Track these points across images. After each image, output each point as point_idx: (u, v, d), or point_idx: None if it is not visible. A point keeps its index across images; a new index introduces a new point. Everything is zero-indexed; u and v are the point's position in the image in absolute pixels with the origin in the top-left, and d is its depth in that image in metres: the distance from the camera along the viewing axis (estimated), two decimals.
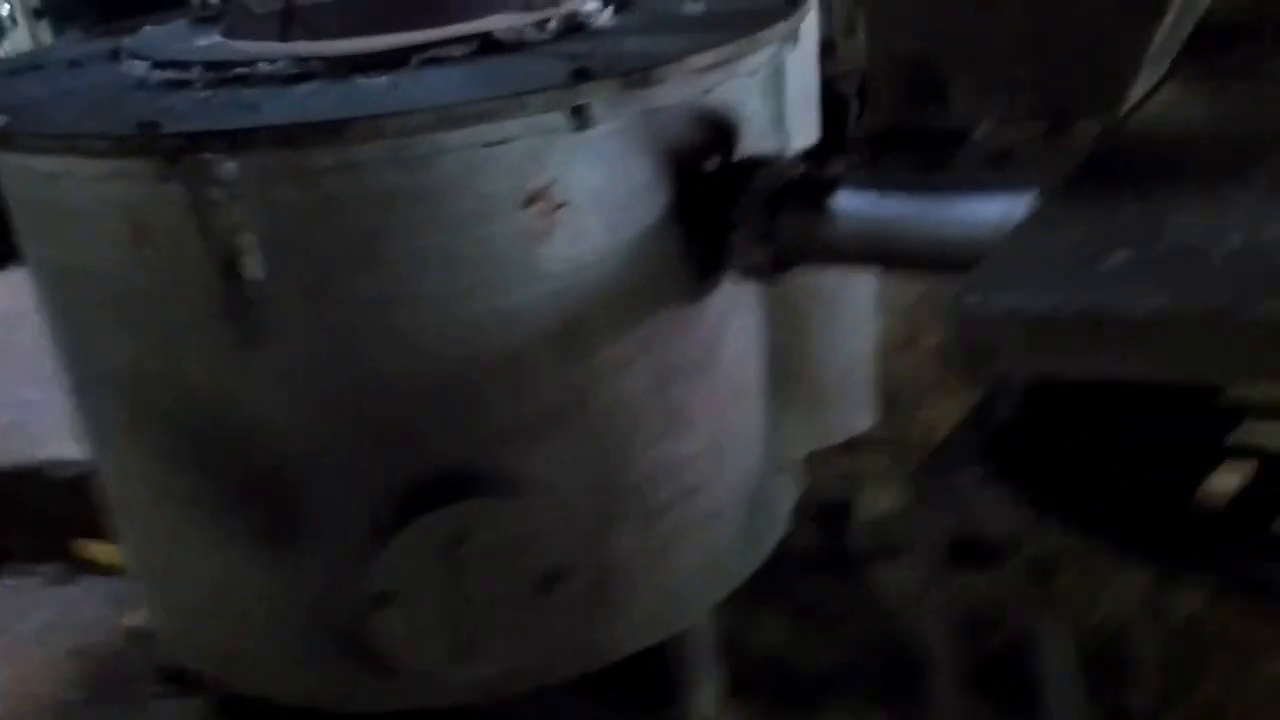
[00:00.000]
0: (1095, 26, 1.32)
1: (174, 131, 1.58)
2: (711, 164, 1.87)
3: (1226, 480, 1.13)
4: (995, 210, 1.45)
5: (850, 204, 1.73)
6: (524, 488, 1.84)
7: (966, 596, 1.58)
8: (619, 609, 2.01)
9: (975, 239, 1.46)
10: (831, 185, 1.74)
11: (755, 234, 1.80)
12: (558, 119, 1.66)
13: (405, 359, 1.74)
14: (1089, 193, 1.23)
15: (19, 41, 4.37)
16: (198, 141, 1.57)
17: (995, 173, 1.55)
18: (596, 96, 1.66)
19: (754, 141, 1.93)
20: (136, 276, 1.73)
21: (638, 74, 1.69)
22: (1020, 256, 1.14)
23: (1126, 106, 1.40)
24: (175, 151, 1.58)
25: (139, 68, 1.91)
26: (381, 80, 1.76)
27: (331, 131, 1.56)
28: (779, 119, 2.03)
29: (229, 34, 2.07)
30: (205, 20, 2.22)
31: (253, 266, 1.65)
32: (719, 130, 1.86)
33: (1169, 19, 1.28)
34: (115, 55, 2.05)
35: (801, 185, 1.79)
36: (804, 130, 2.23)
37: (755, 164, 1.85)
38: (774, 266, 1.85)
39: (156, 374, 1.82)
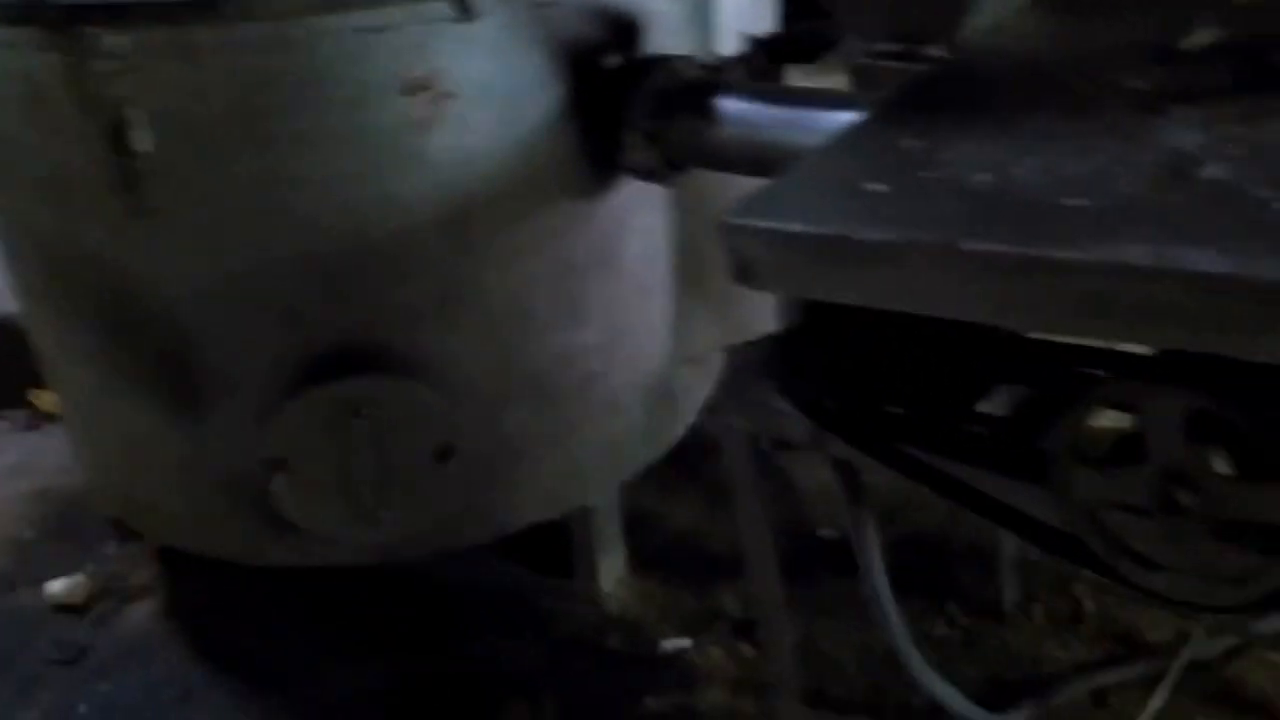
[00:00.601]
0: None
1: (57, 3, 1.60)
2: (611, 61, 1.85)
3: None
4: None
5: (732, 109, 1.72)
6: (418, 368, 1.89)
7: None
8: (517, 484, 2.08)
9: None
10: (714, 89, 1.73)
11: (644, 134, 1.80)
12: (441, 9, 1.66)
13: (293, 237, 1.78)
14: (888, 120, 1.23)
15: None
16: (79, 14, 1.60)
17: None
18: None
19: (663, 40, 1.91)
20: (38, 144, 1.78)
21: None
22: (796, 181, 1.14)
23: (979, 31, 1.38)
24: (59, 23, 1.60)
25: None
26: None
27: (207, 8, 1.58)
28: (698, 18, 2.00)
29: None
30: None
31: (142, 140, 1.68)
32: (618, 27, 1.85)
33: None
34: None
35: (691, 88, 1.78)
36: (757, 28, 2.21)
37: (652, 63, 1.84)
38: (667, 167, 1.85)
39: (61, 239, 1.88)
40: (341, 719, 2.14)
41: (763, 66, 1.79)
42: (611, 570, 2.38)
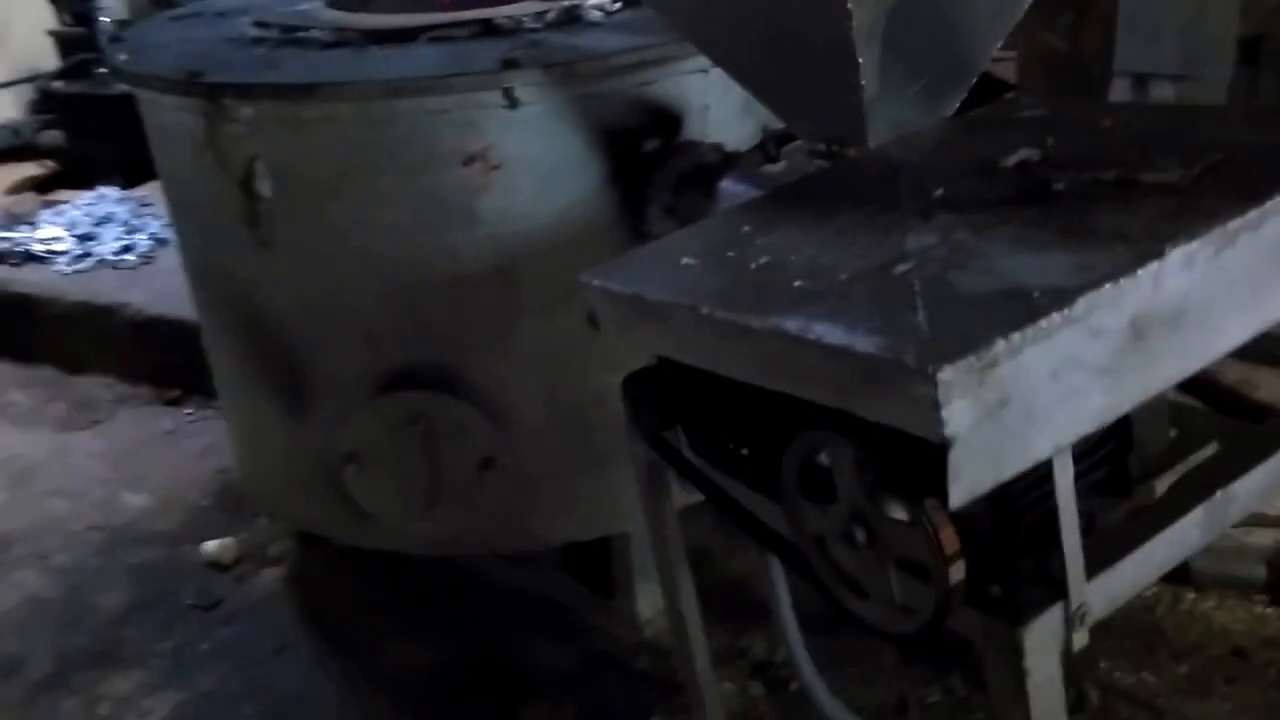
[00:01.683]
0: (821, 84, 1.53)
1: (207, 81, 2.07)
2: (650, 145, 2.14)
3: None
4: None
5: (729, 190, 1.97)
6: (469, 390, 2.23)
7: None
8: (553, 503, 2.37)
9: None
10: (721, 172, 1.99)
11: (663, 208, 2.08)
12: (494, 97, 2.01)
13: (373, 274, 2.18)
14: (752, 207, 1.46)
15: None
16: (220, 90, 2.06)
17: None
18: (522, 82, 1.99)
19: (709, 130, 2.18)
20: (199, 185, 2.27)
21: (560, 66, 2.01)
22: (650, 250, 1.40)
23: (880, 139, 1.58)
24: (207, 95, 2.07)
25: (244, 24, 2.42)
26: (389, 51, 2.18)
27: (305, 92, 2.00)
28: (751, 110, 2.25)
29: (331, 1, 2.55)
30: None
31: (264, 187, 2.13)
32: (659, 117, 2.14)
33: (865, 77, 1.45)
34: (246, 11, 2.57)
35: (703, 170, 2.05)
36: None
37: (680, 148, 2.12)
38: None
39: (214, 261, 2.37)
40: (390, 688, 2.48)
41: (774, 155, 2.02)
42: (651, 596, 2.61)
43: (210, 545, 2.96)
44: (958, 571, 1.05)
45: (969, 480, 1.00)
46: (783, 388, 1.13)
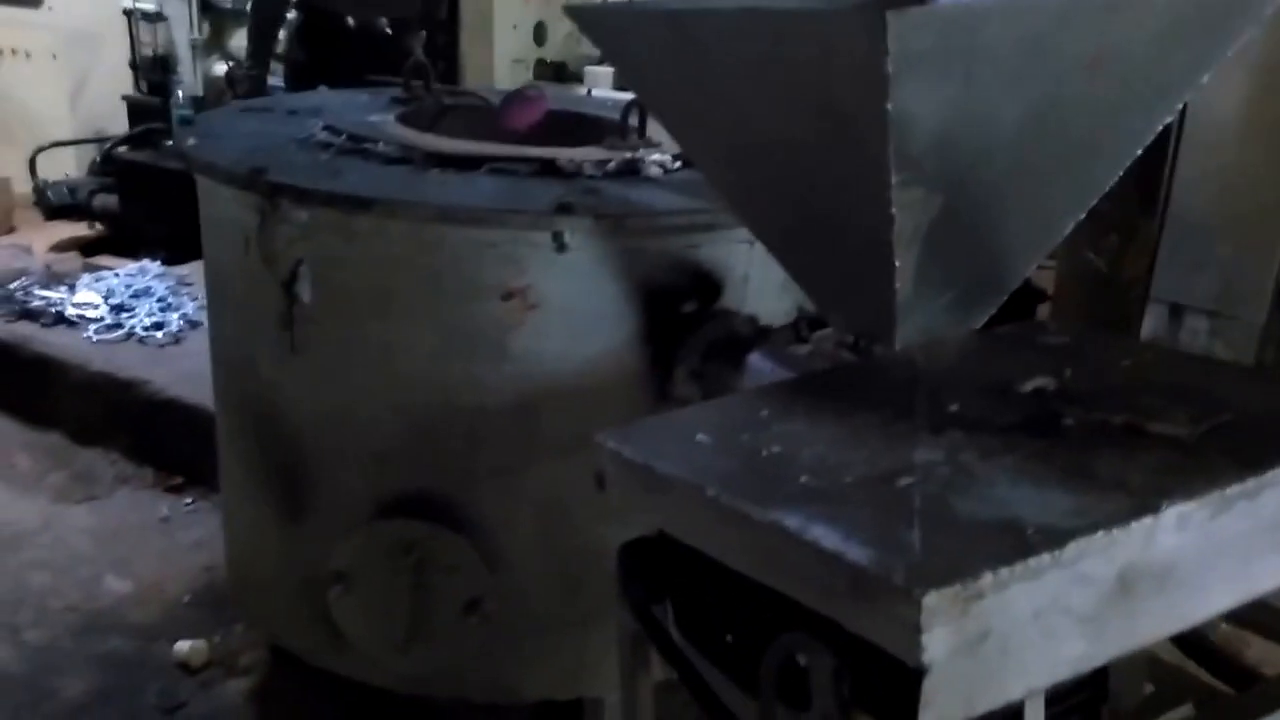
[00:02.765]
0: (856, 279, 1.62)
1: (267, 180, 2.21)
2: (687, 307, 2.24)
3: None
4: None
5: (755, 365, 2.05)
6: (468, 527, 2.29)
7: None
8: (534, 657, 2.40)
9: None
10: (751, 345, 2.08)
11: (690, 372, 2.16)
12: (544, 238, 2.13)
13: (394, 394, 2.27)
14: (774, 393, 1.53)
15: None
16: (279, 190, 2.20)
17: None
18: (571, 228, 2.11)
19: (747, 300, 2.28)
20: (241, 278, 2.39)
21: (609, 219, 2.13)
22: (669, 421, 1.48)
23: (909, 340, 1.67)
24: (266, 192, 2.21)
25: (313, 127, 2.58)
26: (449, 176, 2.31)
27: (361, 205, 2.13)
28: (792, 285, 2.36)
29: (400, 116, 2.71)
30: (406, 100, 2.88)
31: (304, 291, 2.24)
32: (700, 280, 2.25)
33: (899, 281, 1.54)
34: (317, 113, 2.74)
35: (733, 341, 2.14)
36: None
37: (715, 314, 2.22)
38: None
39: (240, 357, 2.47)
40: None
41: (805, 336, 2.10)
42: None
43: (183, 645, 2.99)
44: None
45: (939, 710, 1.04)
46: (773, 583, 1.18)
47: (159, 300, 4.33)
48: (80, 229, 5.51)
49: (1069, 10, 1.41)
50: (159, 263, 4.71)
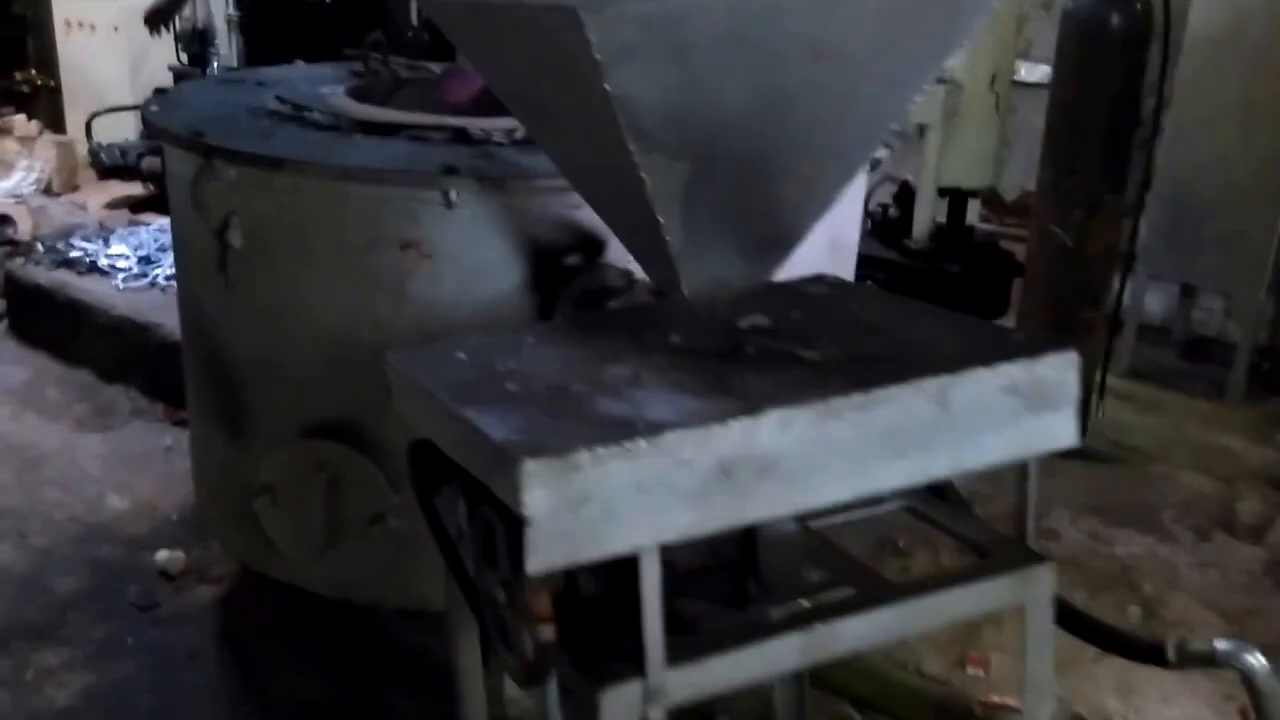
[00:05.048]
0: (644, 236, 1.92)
1: (204, 142, 2.58)
2: (571, 260, 2.56)
3: None
4: None
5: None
6: (376, 450, 2.65)
7: None
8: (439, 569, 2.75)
9: None
10: (616, 295, 2.39)
11: (565, 317, 2.48)
12: (435, 195, 2.47)
13: (310, 331, 2.63)
14: (560, 327, 1.86)
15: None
16: (212, 150, 2.57)
17: None
18: (456, 188, 2.44)
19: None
20: (189, 228, 2.77)
21: (491, 180, 2.45)
22: (451, 345, 1.79)
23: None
24: (203, 153, 2.59)
25: (268, 96, 2.95)
26: (369, 141, 2.66)
27: (276, 165, 2.49)
28: None
29: (351, 88, 3.07)
30: (361, 73, 3.24)
31: (235, 238, 2.62)
32: (583, 239, 2.55)
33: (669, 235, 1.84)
34: (281, 84, 3.11)
35: (603, 292, 2.45)
36: (836, 271, 2.87)
37: (593, 268, 2.53)
38: None
39: (191, 297, 2.86)
40: (274, 711, 2.86)
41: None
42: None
43: (162, 554, 3.42)
44: (546, 632, 1.39)
45: (545, 555, 1.34)
46: (466, 465, 1.51)
47: None
48: (134, 188, 6.01)
49: (772, 9, 1.68)
50: None
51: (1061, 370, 1.63)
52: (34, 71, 6.97)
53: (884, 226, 5.42)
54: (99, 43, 6.33)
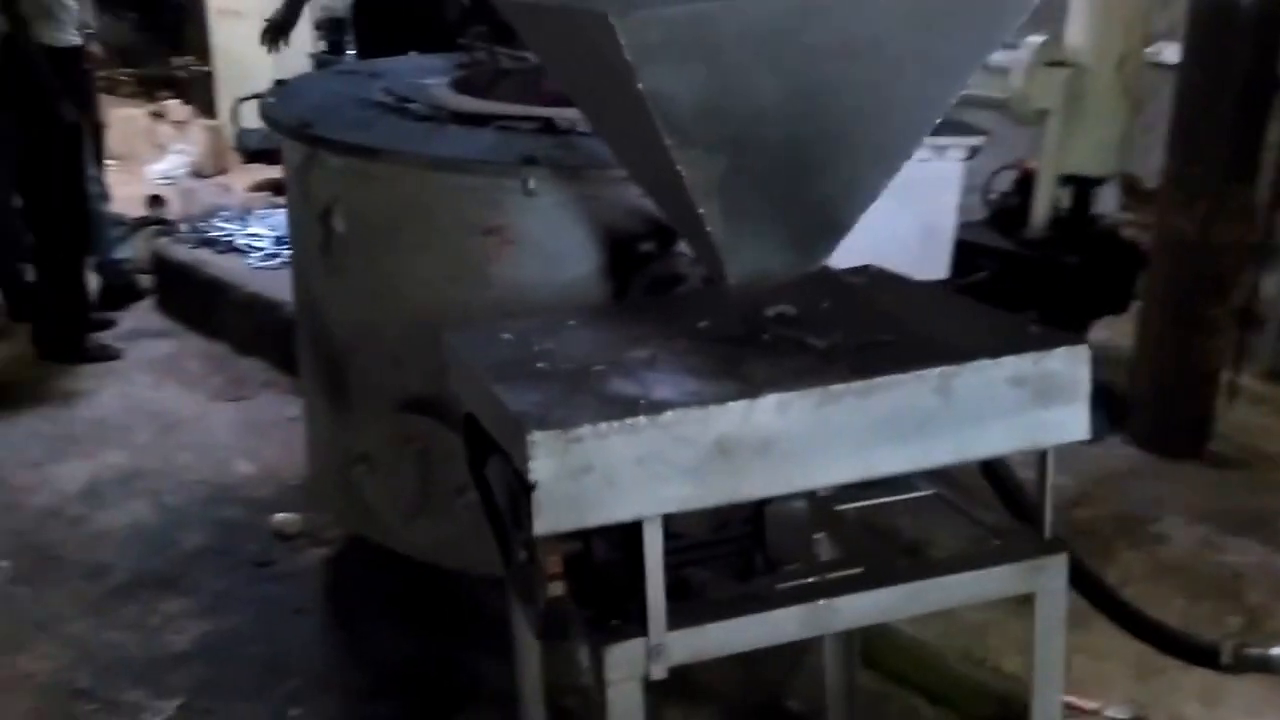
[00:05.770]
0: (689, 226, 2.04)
1: (310, 133, 2.80)
2: (646, 248, 2.70)
3: None
4: None
5: None
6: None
7: None
8: None
9: None
10: (677, 284, 2.53)
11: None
12: (516, 184, 2.63)
13: (403, 311, 2.82)
14: (606, 310, 2.00)
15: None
16: (318, 141, 2.79)
17: None
18: (536, 177, 2.60)
19: None
20: (301, 215, 3.01)
21: (568, 169, 2.61)
22: (499, 326, 1.95)
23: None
24: (309, 143, 2.81)
25: (376, 88, 3.16)
26: (462, 131, 2.85)
27: (372, 154, 2.69)
28: None
29: (454, 80, 3.26)
30: (467, 64, 3.43)
31: (338, 224, 2.83)
32: (653, 226, 2.68)
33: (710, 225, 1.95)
34: (393, 76, 3.32)
35: (673, 279, 2.58)
36: (928, 265, 2.97)
37: (664, 255, 2.66)
38: None
39: (302, 276, 3.10)
40: (368, 667, 3.08)
41: None
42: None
43: (279, 516, 3.69)
44: (556, 588, 1.54)
45: (550, 518, 1.49)
46: (495, 435, 1.67)
47: None
48: (276, 172, 6.35)
49: (803, 9, 1.79)
50: None
51: (1072, 364, 1.69)
52: (191, 58, 7.43)
53: (1002, 215, 5.37)
54: (248, 29, 6.68)
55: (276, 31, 4.80)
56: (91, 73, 5.27)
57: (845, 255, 3.23)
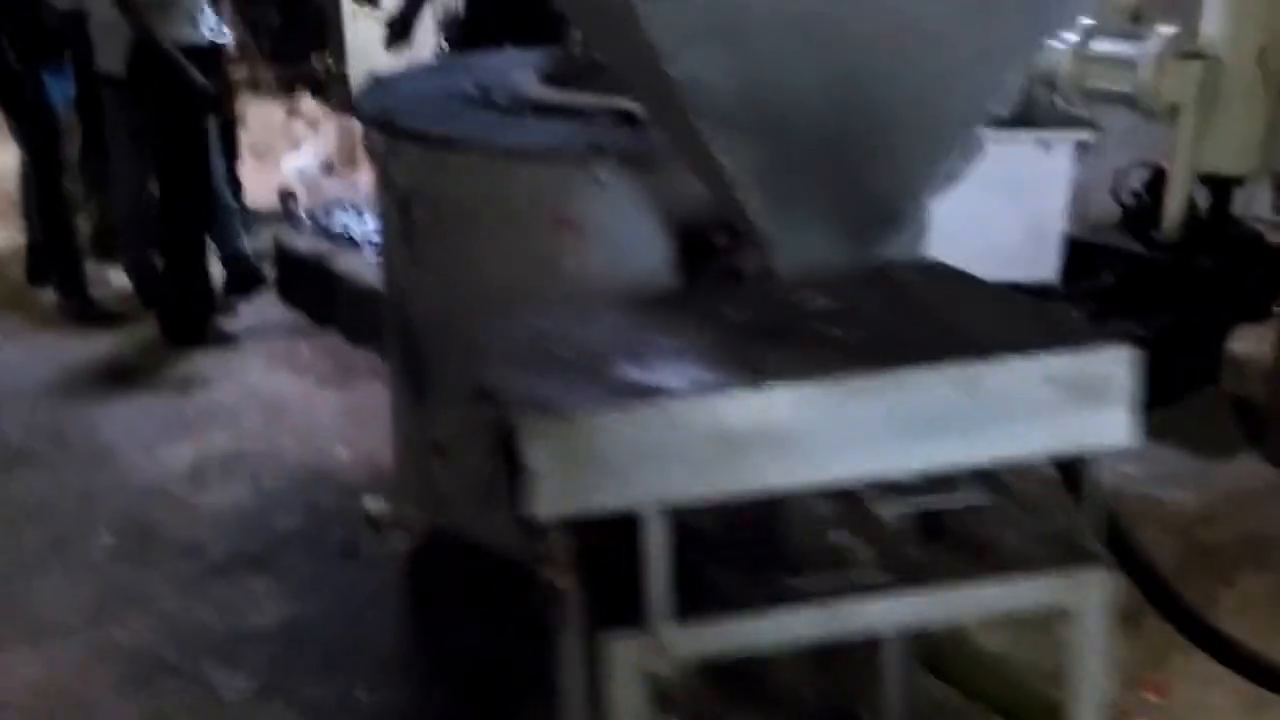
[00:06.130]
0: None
1: (393, 124, 2.85)
2: (720, 240, 2.67)
3: None
4: None
5: None
6: None
7: None
8: None
9: None
10: (739, 276, 2.49)
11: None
12: (586, 175, 2.63)
13: (478, 303, 2.84)
14: (648, 298, 1.97)
15: None
16: (398, 132, 2.83)
17: None
18: (604, 167, 2.59)
19: None
20: (386, 205, 3.06)
21: (637, 160, 2.59)
22: (535, 312, 1.94)
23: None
24: (391, 135, 2.86)
25: (469, 82, 3.20)
26: (540, 122, 2.86)
27: (449, 145, 2.72)
28: None
29: (542, 73, 3.28)
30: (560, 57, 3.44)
31: (419, 213, 2.88)
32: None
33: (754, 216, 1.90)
34: (487, 70, 3.35)
35: (736, 273, 2.54)
36: (1033, 265, 2.91)
37: (736, 248, 2.62)
38: None
39: (389, 269, 3.16)
40: (436, 659, 3.12)
41: None
42: None
43: (371, 501, 3.77)
44: (560, 577, 1.53)
45: (549, 503, 1.47)
46: None
47: None
48: None
49: None
50: None
51: (1113, 365, 1.60)
52: (329, 58, 7.64)
53: (1134, 216, 5.14)
54: (380, 29, 6.87)
55: (397, 31, 4.89)
56: (225, 71, 5.48)
57: (945, 253, 3.17)
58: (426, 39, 6.51)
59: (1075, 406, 1.59)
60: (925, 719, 2.47)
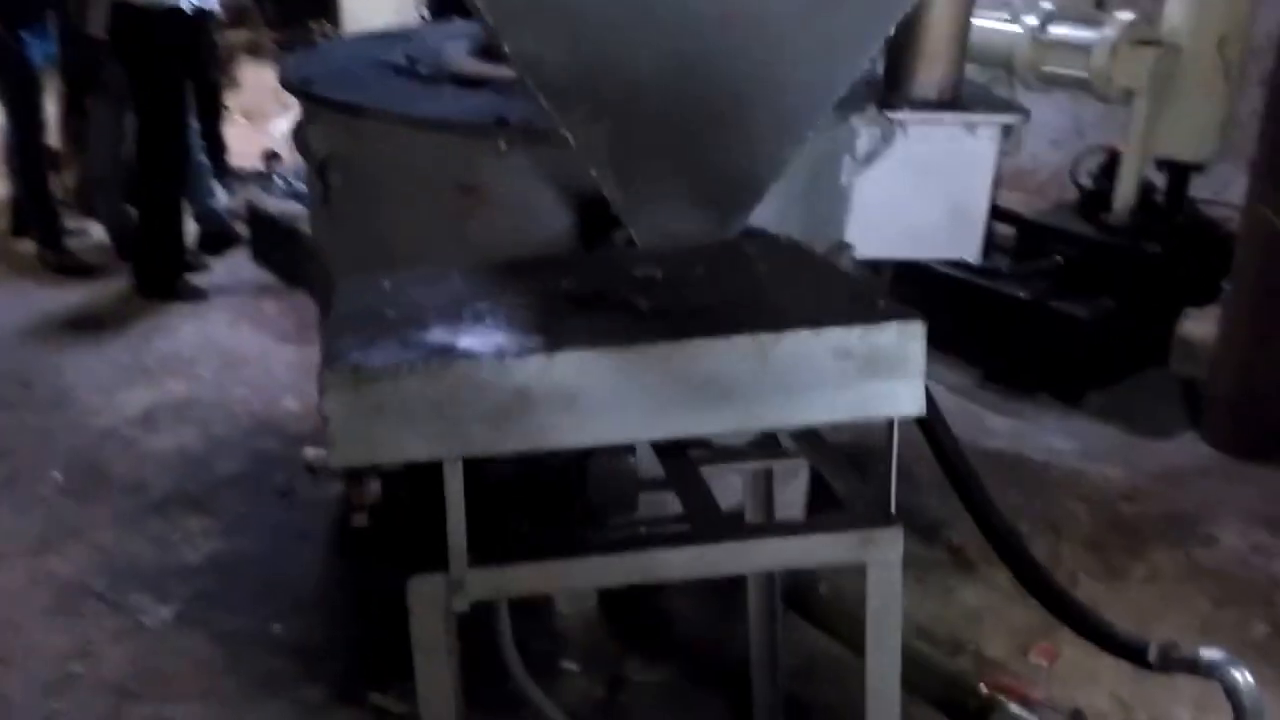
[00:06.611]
0: None
1: (310, 91, 2.94)
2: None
3: None
4: None
5: None
6: None
7: None
8: None
9: None
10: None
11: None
12: (491, 145, 2.71)
13: (392, 265, 2.92)
14: (487, 266, 2.06)
15: None
16: (314, 99, 2.92)
17: None
18: (506, 138, 2.67)
19: None
20: (306, 168, 3.15)
21: (538, 132, 2.66)
22: (386, 276, 2.03)
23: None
24: (309, 101, 2.95)
25: (400, 51, 3.28)
26: (455, 92, 2.94)
27: (358, 113, 2.81)
28: None
29: (474, 47, 3.35)
30: None
31: (334, 176, 2.97)
32: None
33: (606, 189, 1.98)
34: (424, 40, 3.43)
35: (633, 241, 2.62)
36: (956, 244, 2.99)
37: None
38: None
39: (314, 229, 3.26)
40: (355, 600, 3.24)
41: None
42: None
43: (310, 450, 3.88)
44: (359, 519, 1.63)
45: (344, 453, 1.58)
46: None
47: None
48: None
49: None
50: None
51: (904, 339, 1.67)
52: (327, 23, 7.70)
53: (1087, 200, 5.16)
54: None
55: None
56: (210, 35, 5.56)
57: (870, 231, 3.24)
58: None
59: (865, 378, 1.67)
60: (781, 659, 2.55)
